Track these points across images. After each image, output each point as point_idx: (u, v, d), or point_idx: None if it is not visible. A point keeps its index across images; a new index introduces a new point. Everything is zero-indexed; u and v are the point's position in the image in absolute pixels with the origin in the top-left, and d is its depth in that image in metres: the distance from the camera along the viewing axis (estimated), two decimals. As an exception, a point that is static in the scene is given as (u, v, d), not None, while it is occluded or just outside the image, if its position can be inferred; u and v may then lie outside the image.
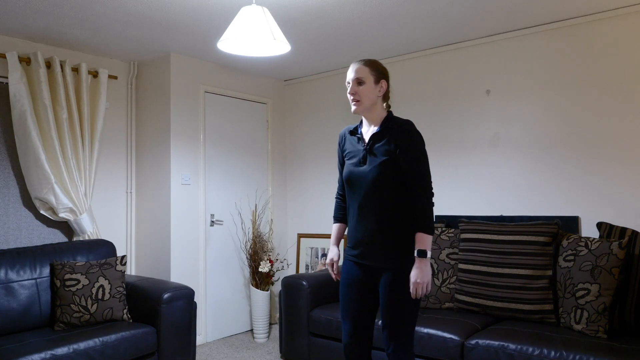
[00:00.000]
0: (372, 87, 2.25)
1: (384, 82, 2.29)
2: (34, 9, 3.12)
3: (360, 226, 2.28)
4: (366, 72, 2.25)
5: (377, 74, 2.27)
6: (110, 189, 4.19)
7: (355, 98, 2.26)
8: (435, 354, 2.86)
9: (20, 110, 3.47)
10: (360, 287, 2.32)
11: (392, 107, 2.39)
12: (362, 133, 2.34)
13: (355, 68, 2.27)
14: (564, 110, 3.45)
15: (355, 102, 2.26)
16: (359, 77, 2.25)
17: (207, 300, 4.32)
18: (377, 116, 2.30)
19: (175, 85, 4.13)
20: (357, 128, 2.37)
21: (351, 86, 2.27)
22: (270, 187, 4.89)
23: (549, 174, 3.49)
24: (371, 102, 2.26)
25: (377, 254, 2.24)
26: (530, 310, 3.01)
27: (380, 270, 2.24)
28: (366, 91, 2.24)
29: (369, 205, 2.24)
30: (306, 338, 3.50)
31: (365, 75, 2.24)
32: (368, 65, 2.27)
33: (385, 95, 2.31)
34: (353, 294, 2.33)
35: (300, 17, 3.31)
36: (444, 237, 3.47)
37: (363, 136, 2.32)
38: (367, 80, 2.24)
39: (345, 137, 2.42)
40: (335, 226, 2.51)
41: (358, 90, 2.24)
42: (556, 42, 3.48)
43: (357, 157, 2.30)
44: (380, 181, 2.20)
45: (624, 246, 2.75)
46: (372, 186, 2.22)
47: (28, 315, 3.06)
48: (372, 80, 2.25)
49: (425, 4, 3.13)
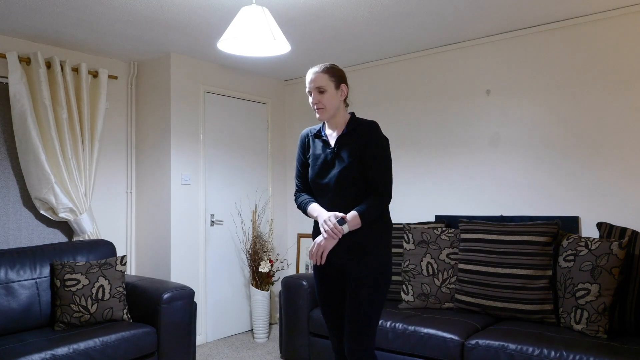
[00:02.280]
0: (333, 94, 2.29)
1: (344, 86, 2.33)
2: (34, 9, 3.12)
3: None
4: (325, 80, 2.27)
5: (336, 79, 2.30)
6: (110, 189, 4.19)
7: (318, 106, 2.29)
8: (435, 354, 2.86)
9: (20, 110, 3.47)
10: (333, 290, 2.37)
11: (393, 108, 2.40)
12: (327, 135, 2.38)
13: (314, 77, 2.28)
14: (564, 110, 3.45)
15: (319, 110, 2.29)
16: (319, 86, 2.27)
17: (207, 300, 4.32)
18: (341, 119, 2.35)
19: (175, 85, 4.13)
20: (321, 130, 2.41)
21: (313, 95, 2.29)
22: (270, 187, 4.89)
23: (549, 173, 3.49)
24: (335, 108, 2.31)
25: (347, 252, 2.25)
26: (530, 310, 3.01)
27: (349, 268, 2.27)
28: (328, 98, 2.28)
29: (337, 206, 2.26)
30: (306, 338, 3.50)
31: (325, 83, 2.27)
32: (326, 72, 2.29)
33: (346, 98, 2.35)
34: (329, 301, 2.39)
35: (300, 17, 3.31)
36: (444, 237, 3.47)
37: (328, 139, 2.36)
38: (328, 87, 2.27)
39: (308, 139, 2.45)
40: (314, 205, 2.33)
41: (321, 99, 2.28)
42: (556, 42, 3.48)
43: (323, 159, 2.32)
44: (349, 183, 2.24)
45: (624, 246, 2.75)
46: (341, 188, 2.25)
47: (28, 315, 3.06)
48: (333, 87, 2.28)
49: (425, 4, 3.13)
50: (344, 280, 2.33)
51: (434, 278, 3.40)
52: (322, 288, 2.41)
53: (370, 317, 2.23)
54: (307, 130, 2.49)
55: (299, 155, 2.48)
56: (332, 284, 2.37)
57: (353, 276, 2.25)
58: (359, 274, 2.24)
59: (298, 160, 2.48)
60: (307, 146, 2.45)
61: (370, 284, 2.23)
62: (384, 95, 4.31)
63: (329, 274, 2.37)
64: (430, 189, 4.03)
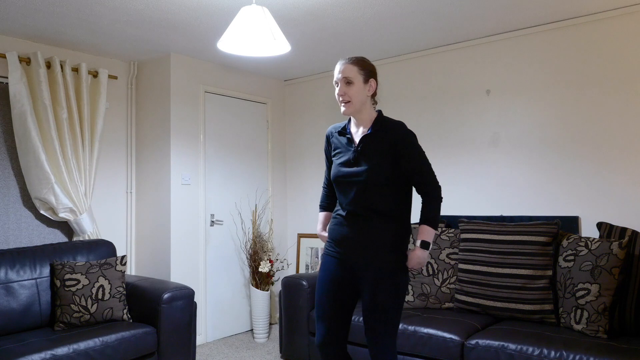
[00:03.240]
0: (361, 87, 2.20)
1: (373, 81, 2.25)
2: (34, 9, 3.12)
3: (348, 223, 2.25)
4: (354, 72, 2.20)
5: (365, 72, 2.22)
6: (110, 189, 4.19)
7: (344, 99, 2.20)
8: (435, 354, 2.86)
9: (20, 110, 3.47)
10: (339, 286, 2.28)
11: (393, 108, 2.40)
12: (351, 133, 2.30)
13: (342, 67, 2.21)
14: (564, 110, 3.45)
15: (344, 103, 2.21)
16: (347, 76, 2.19)
17: (207, 300, 4.32)
18: (367, 116, 2.26)
19: (175, 85, 4.13)
20: (346, 127, 2.33)
21: (340, 86, 2.21)
22: (270, 187, 4.89)
23: (549, 173, 3.49)
24: (361, 103, 2.22)
25: (365, 251, 2.21)
26: (530, 310, 3.01)
27: (365, 269, 2.21)
28: (355, 91, 2.19)
29: (360, 204, 2.21)
30: (306, 338, 3.50)
31: (354, 75, 2.19)
32: (356, 64, 2.21)
33: (374, 94, 2.28)
34: (330, 294, 2.29)
35: (300, 17, 3.31)
36: (444, 237, 3.47)
37: (353, 137, 2.29)
38: (355, 80, 2.19)
39: (332, 136, 2.39)
40: (322, 214, 2.50)
41: (347, 91, 2.19)
42: (556, 42, 3.48)
43: (347, 157, 2.27)
44: (374, 182, 2.18)
45: (624, 246, 2.75)
46: (365, 186, 2.20)
47: (28, 315, 3.06)
48: (361, 80, 2.20)
49: (425, 4, 3.13)
50: (353, 279, 2.26)
51: (434, 278, 3.40)
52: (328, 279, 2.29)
53: (390, 317, 2.17)
54: (332, 127, 2.41)
55: (325, 152, 2.45)
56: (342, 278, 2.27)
57: (369, 277, 2.19)
58: (375, 274, 2.18)
59: (326, 156, 2.45)
60: (331, 144, 2.39)
61: (386, 284, 2.17)
62: (384, 95, 4.29)
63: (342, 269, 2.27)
64: (430, 189, 4.02)
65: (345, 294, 2.29)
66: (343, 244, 2.27)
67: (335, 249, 2.30)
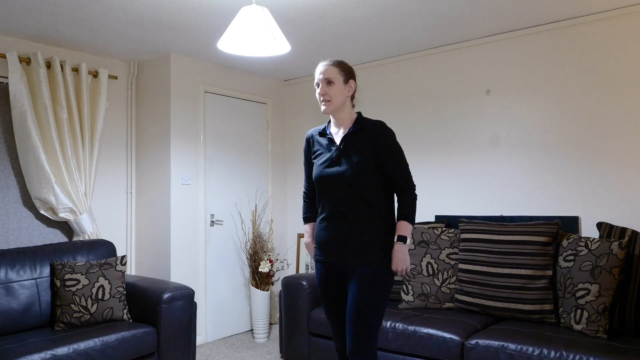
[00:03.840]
0: (341, 87, 2.29)
1: (353, 82, 2.34)
2: (34, 9, 3.12)
3: (332, 225, 2.29)
4: (335, 72, 2.28)
5: (345, 74, 2.31)
6: (110, 189, 4.19)
7: (325, 98, 2.28)
8: (435, 354, 2.86)
9: (20, 110, 3.47)
10: (338, 287, 2.34)
11: (393, 108, 2.40)
12: (332, 134, 2.37)
13: (323, 69, 2.30)
14: (564, 110, 3.45)
15: (325, 102, 2.29)
16: (328, 77, 2.27)
17: (207, 300, 4.32)
18: (348, 116, 2.34)
19: (175, 85, 4.13)
20: (326, 129, 2.40)
21: (321, 87, 2.30)
22: (270, 187, 4.89)
23: (549, 173, 3.49)
24: (341, 102, 2.30)
25: (350, 252, 2.24)
26: (530, 310, 3.01)
27: (352, 268, 2.25)
28: (336, 91, 2.28)
29: (344, 204, 2.25)
30: (306, 338, 3.50)
31: (335, 76, 2.28)
32: (336, 65, 2.30)
33: (353, 95, 2.35)
34: (333, 312, 2.37)
35: (300, 17, 3.31)
36: (444, 237, 3.47)
37: (334, 137, 2.35)
38: (336, 80, 2.28)
39: (313, 139, 2.45)
40: (308, 225, 2.52)
41: (328, 91, 2.27)
42: (556, 42, 3.48)
43: (329, 158, 2.32)
44: (357, 181, 2.23)
45: (624, 246, 2.75)
46: (349, 186, 2.24)
47: (28, 315, 3.06)
48: (342, 80, 2.29)
49: (424, 4, 3.13)
50: (346, 280, 2.31)
51: (434, 278, 3.40)
52: (324, 287, 2.37)
53: (372, 319, 2.20)
54: (312, 130, 2.49)
55: (305, 155, 2.48)
56: (335, 283, 2.34)
57: (355, 277, 2.23)
58: (361, 275, 2.21)
59: (305, 160, 2.49)
60: (312, 146, 2.45)
61: (372, 285, 2.21)
62: (384, 95, 4.31)
63: (332, 273, 2.34)
64: (430, 189, 4.03)
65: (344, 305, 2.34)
66: (329, 246, 2.31)
67: (322, 253, 2.34)
